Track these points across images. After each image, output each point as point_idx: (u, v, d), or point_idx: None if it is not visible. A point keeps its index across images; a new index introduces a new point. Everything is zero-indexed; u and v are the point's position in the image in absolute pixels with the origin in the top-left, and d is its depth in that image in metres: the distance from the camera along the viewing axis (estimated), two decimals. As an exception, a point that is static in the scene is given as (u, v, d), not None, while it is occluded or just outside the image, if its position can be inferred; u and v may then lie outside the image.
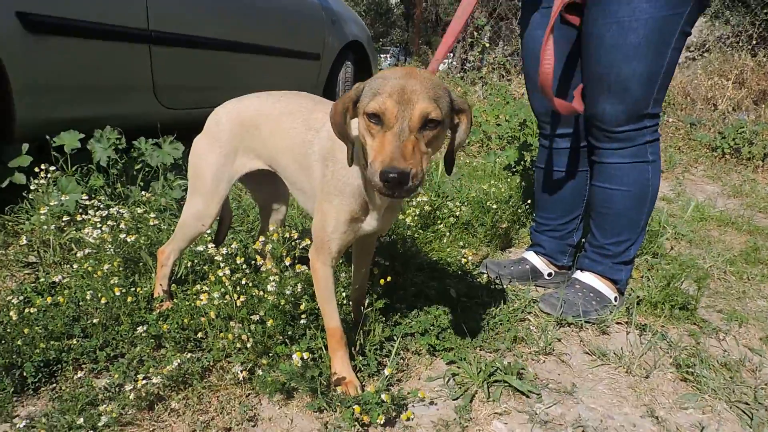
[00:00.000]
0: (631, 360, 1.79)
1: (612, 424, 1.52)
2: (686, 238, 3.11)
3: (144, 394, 1.44)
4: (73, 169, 2.61)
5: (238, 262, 1.82)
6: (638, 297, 2.18)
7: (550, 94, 1.73)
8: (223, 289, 1.71)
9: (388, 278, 1.77)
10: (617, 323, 2.06)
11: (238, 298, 1.67)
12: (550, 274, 2.34)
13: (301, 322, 1.66)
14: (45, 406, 1.47)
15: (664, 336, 1.97)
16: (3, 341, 1.57)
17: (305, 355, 1.45)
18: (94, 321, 1.68)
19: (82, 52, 2.69)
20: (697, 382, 1.70)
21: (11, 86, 2.41)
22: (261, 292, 1.67)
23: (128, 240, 1.98)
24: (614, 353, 1.84)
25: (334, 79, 5.15)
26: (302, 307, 1.65)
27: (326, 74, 4.95)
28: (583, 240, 2.35)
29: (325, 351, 1.60)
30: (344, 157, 1.34)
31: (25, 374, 1.51)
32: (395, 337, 1.76)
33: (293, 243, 1.75)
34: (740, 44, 7.12)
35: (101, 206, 2.26)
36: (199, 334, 1.66)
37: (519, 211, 2.98)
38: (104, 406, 1.38)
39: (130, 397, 1.41)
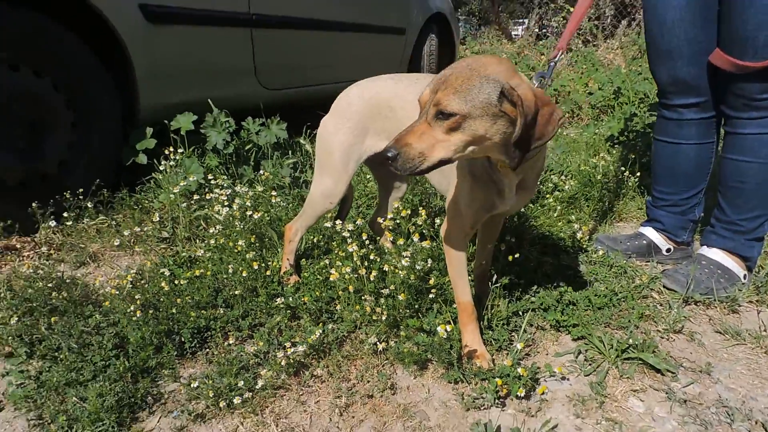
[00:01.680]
0: (769, 340, 1.72)
1: (756, 405, 1.48)
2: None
3: (292, 361, 1.54)
4: (190, 150, 2.77)
5: (363, 238, 1.88)
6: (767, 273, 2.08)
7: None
8: (352, 264, 1.78)
9: (516, 255, 1.78)
10: (748, 302, 1.97)
11: (370, 272, 1.74)
12: (669, 250, 2.27)
13: (430, 296, 1.70)
14: (203, 368, 1.60)
15: (801, 315, 1.87)
16: (160, 309, 1.72)
17: (449, 328, 1.49)
18: (236, 293, 1.80)
19: (195, 39, 2.82)
20: None
21: (136, 74, 2.57)
22: (392, 267, 1.73)
23: (254, 217, 2.10)
24: (749, 333, 1.77)
25: (419, 54, 5.12)
26: (431, 281, 1.70)
27: (411, 48, 4.93)
28: (704, 215, 2.26)
29: (454, 324, 1.65)
30: None
31: (183, 339, 1.65)
32: (521, 313, 1.78)
33: (420, 219, 1.79)
34: None
35: (224, 185, 2.39)
36: (338, 307, 1.74)
37: (629, 184, 2.88)
38: (261, 369, 1.50)
39: (282, 363, 1.51)
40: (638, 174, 2.91)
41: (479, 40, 8.42)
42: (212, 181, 2.38)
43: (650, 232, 2.29)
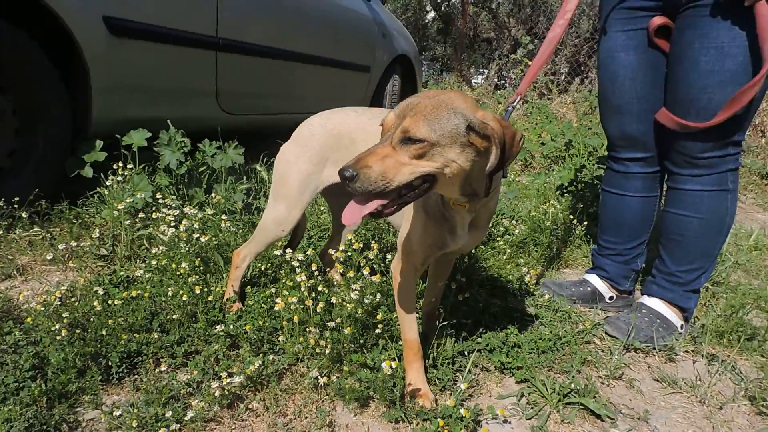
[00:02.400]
0: (704, 390, 1.76)
1: (690, 454, 1.50)
2: (742, 267, 3.05)
3: (226, 392, 1.47)
4: (141, 167, 2.68)
5: (313, 268, 1.85)
6: (703, 325, 2.15)
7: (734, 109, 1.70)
8: (299, 295, 1.74)
9: (466, 295, 1.77)
10: (684, 351, 2.03)
11: (317, 304, 1.69)
12: (611, 298, 2.32)
13: (376, 331, 1.67)
14: (129, 395, 1.51)
15: (733, 367, 1.93)
16: (88, 330, 1.62)
17: (393, 365, 1.46)
18: (173, 317, 1.72)
19: (158, 57, 2.77)
20: (774, 418, 1.66)
21: (92, 84, 2.50)
22: (340, 300, 1.69)
23: (201, 240, 2.03)
24: (685, 382, 1.81)
25: (382, 92, 5.20)
26: (379, 316, 1.67)
27: (374, 87, 5.01)
28: (645, 266, 2.34)
29: (398, 361, 1.62)
30: None
31: (110, 364, 1.55)
32: (466, 353, 1.77)
33: (371, 253, 1.77)
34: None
35: (173, 205, 2.31)
36: (281, 338, 1.68)
37: (576, 232, 2.96)
38: (193, 400, 1.42)
39: (216, 394, 1.44)
40: (585, 223, 2.99)
41: (441, 85, 8.65)
42: (160, 201, 2.30)
43: (595, 280, 2.34)
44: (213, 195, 2.52)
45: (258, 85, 3.60)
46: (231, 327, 1.71)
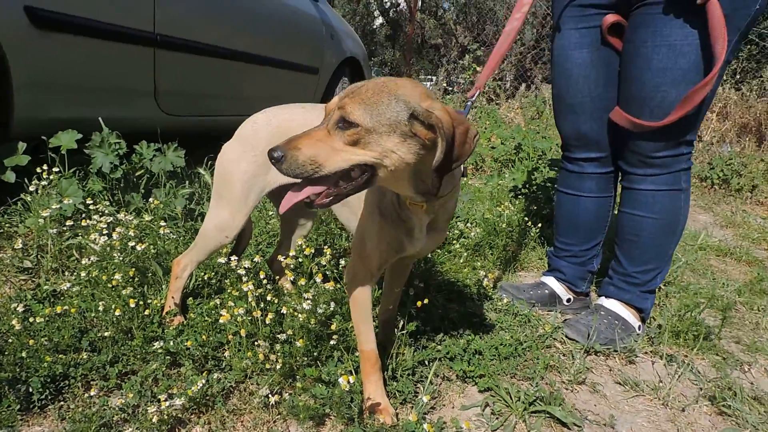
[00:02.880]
0: (665, 392, 1.73)
1: (657, 459, 1.46)
2: (689, 267, 3.11)
3: (166, 417, 1.32)
4: (71, 171, 2.47)
5: (261, 276, 1.71)
6: (659, 326, 2.15)
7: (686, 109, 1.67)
8: (246, 305, 1.60)
9: (426, 300, 1.68)
10: (643, 353, 2.01)
11: (266, 315, 1.56)
12: (569, 300, 2.29)
13: (331, 343, 1.56)
14: (53, 425, 1.33)
15: (691, 367, 1.92)
16: (5, 353, 1.43)
17: (351, 379, 1.35)
18: (105, 334, 1.55)
19: (89, 52, 2.57)
20: (735, 417, 1.65)
21: (12, 81, 2.27)
22: (290, 310, 1.57)
23: (137, 248, 1.86)
24: (647, 384, 1.78)
25: (331, 95, 5.09)
26: (333, 326, 1.56)
27: (323, 89, 4.89)
28: (599, 266, 2.32)
29: (355, 375, 1.51)
30: None
31: (30, 390, 1.37)
32: (426, 362, 1.68)
33: (324, 259, 1.66)
34: (725, 78, 7.35)
35: (105, 212, 2.12)
36: (226, 353, 1.54)
37: (531, 234, 2.94)
38: (127, 427, 1.26)
39: (153, 419, 1.29)
40: (539, 225, 2.98)
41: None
42: (92, 207, 2.11)
43: (552, 282, 2.31)
44: (151, 200, 2.34)
45: (200, 85, 3.42)
46: (171, 343, 1.56)
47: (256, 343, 1.55)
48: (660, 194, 1.92)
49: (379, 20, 15.24)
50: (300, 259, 1.71)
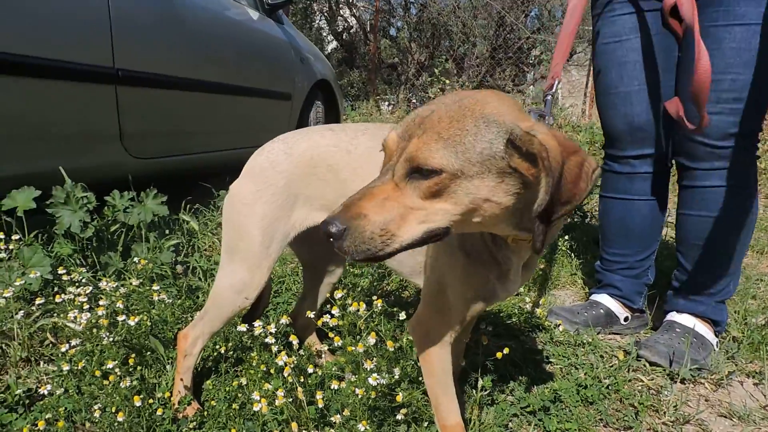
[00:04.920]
0: (782, 420, 1.48)
1: None
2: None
3: None
4: (31, 236, 2.08)
5: (293, 341, 1.39)
6: (734, 338, 1.91)
7: (706, 96, 1.40)
8: (282, 383, 1.27)
9: (506, 350, 1.39)
10: (728, 372, 1.76)
11: (312, 393, 1.24)
12: (626, 319, 2.03)
13: (398, 417, 1.24)
14: None
15: (786, 383, 1.68)
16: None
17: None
18: (106, 447, 1.19)
19: (38, 95, 2.20)
20: None
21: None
22: (342, 383, 1.25)
23: (130, 323, 1.50)
24: (755, 413, 1.53)
25: (305, 121, 4.79)
26: (399, 398, 1.24)
27: (297, 115, 4.59)
28: (653, 278, 2.08)
29: (433, 455, 1.20)
30: None
31: None
32: (508, 425, 1.38)
33: (374, 313, 1.34)
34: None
35: (82, 280, 1.76)
36: (271, 455, 1.20)
37: (562, 248, 2.69)
38: None
39: None
40: (566, 237, 2.73)
41: (359, 111, 8.38)
42: (65, 277, 1.74)
43: (606, 299, 2.05)
44: (135, 259, 1.98)
45: (170, 122, 3.07)
46: (193, 447, 1.21)
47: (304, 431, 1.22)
48: (729, 191, 1.69)
49: (332, 44, 15.12)
50: (339, 315, 1.39)
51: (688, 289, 1.84)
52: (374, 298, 1.39)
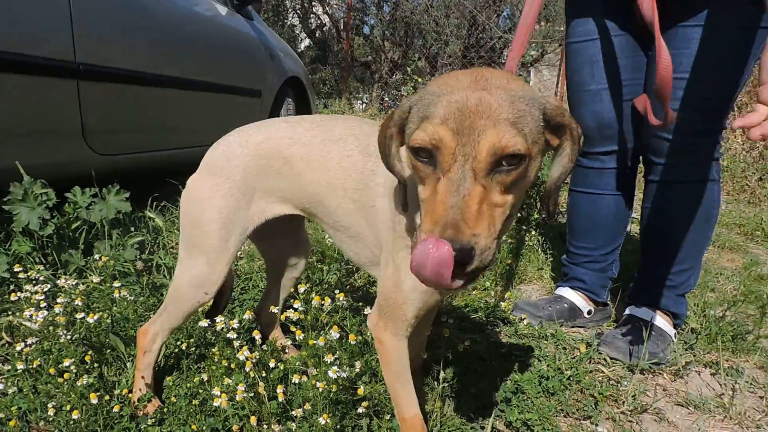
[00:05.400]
0: (732, 409, 1.52)
1: (761, 495, 1.23)
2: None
3: None
4: (-13, 233, 2.03)
5: (256, 337, 1.38)
6: (693, 330, 1.97)
7: (669, 91, 1.42)
8: (243, 378, 1.26)
9: (467, 342, 1.40)
10: (685, 362, 1.81)
11: (273, 387, 1.23)
12: (589, 312, 2.07)
13: (359, 410, 1.24)
14: None
15: (740, 373, 1.74)
16: None
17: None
18: (61, 446, 1.17)
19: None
20: (816, 426, 1.46)
21: None
22: (303, 377, 1.24)
23: (89, 321, 1.47)
24: (710, 401, 1.57)
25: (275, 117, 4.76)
26: (360, 391, 1.24)
27: (267, 112, 4.56)
28: (617, 272, 2.12)
29: (394, 448, 1.21)
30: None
31: None
32: (473, 414, 1.39)
33: (337, 307, 1.34)
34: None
35: (40, 278, 1.72)
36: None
37: (528, 242, 2.72)
38: None
39: None
40: (533, 233, 2.77)
41: (331, 108, 8.36)
42: (21, 275, 1.69)
43: (569, 293, 2.08)
44: (97, 257, 1.94)
45: (136, 119, 3.01)
46: (152, 444, 1.19)
47: (266, 426, 1.21)
48: (692, 186, 1.74)
49: (305, 42, 15.03)
50: (303, 309, 1.39)
51: (650, 283, 1.89)
52: (337, 292, 1.39)
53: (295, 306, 1.33)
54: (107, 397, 1.27)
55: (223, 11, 3.87)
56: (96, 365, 1.39)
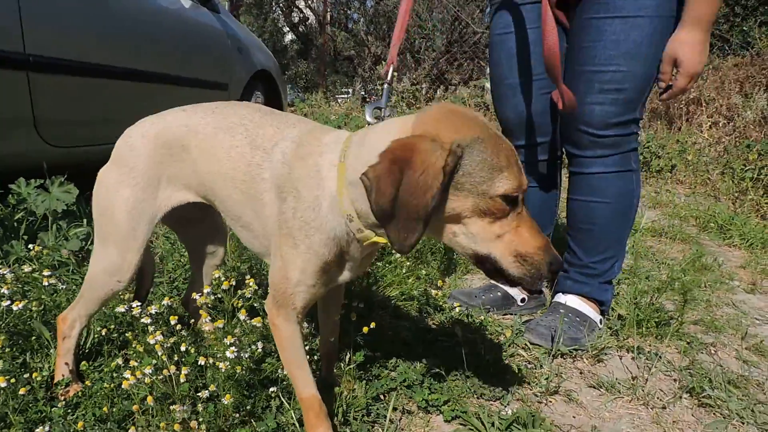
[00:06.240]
0: (644, 390, 1.58)
1: (652, 471, 1.29)
2: (630, 251, 3.06)
3: None
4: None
5: (172, 322, 1.41)
6: (620, 316, 2.02)
7: (558, 71, 1.50)
8: (155, 361, 1.30)
9: (372, 324, 1.45)
10: (608, 347, 1.87)
11: (179, 370, 1.27)
12: (523, 300, 2.13)
13: (271, 390, 1.29)
14: None
15: (659, 357, 1.80)
16: None
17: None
18: (-31, 427, 1.20)
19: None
20: (717, 407, 1.53)
21: None
22: (210, 360, 1.28)
23: (13, 308, 1.50)
24: (622, 384, 1.63)
25: (244, 111, 4.77)
26: (266, 366, 1.28)
27: (235, 106, 4.57)
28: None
29: (299, 427, 1.25)
30: (309, 193, 1.08)
31: None
32: (383, 396, 1.44)
33: (247, 290, 1.38)
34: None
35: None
36: (129, 430, 1.22)
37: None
38: None
39: None
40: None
41: (308, 103, 8.37)
42: (-46, 263, 1.72)
43: (503, 283, 2.13)
44: (33, 247, 1.96)
45: (93, 110, 3.02)
46: (60, 426, 1.23)
47: (172, 407, 1.25)
48: (612, 176, 1.79)
49: (289, 36, 15.00)
50: (219, 295, 1.43)
51: (576, 271, 1.94)
52: (248, 278, 1.44)
53: (206, 291, 1.37)
54: (15, 381, 1.30)
55: (187, 3, 3.87)
56: (14, 350, 1.42)
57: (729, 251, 3.31)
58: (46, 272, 1.70)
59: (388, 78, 1.43)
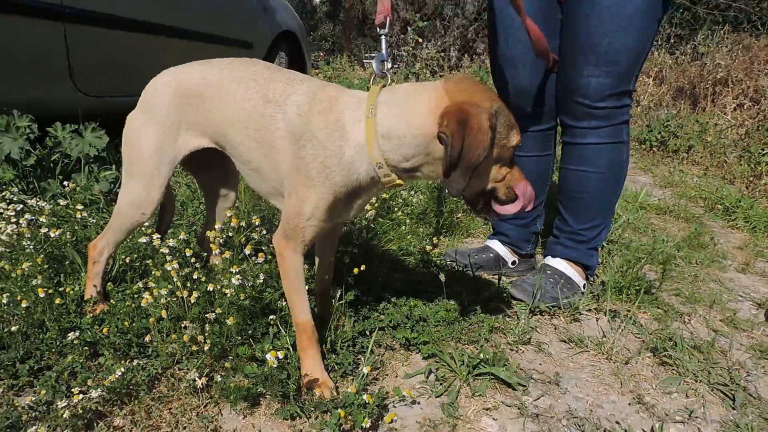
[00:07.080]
0: (609, 346, 1.73)
1: (602, 413, 1.45)
2: (631, 225, 3.16)
3: (81, 411, 1.21)
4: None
5: (187, 254, 1.60)
6: (603, 282, 2.15)
7: (547, 52, 1.64)
8: (171, 286, 1.49)
9: (362, 267, 1.61)
10: (587, 310, 2.01)
11: (190, 294, 1.46)
12: (514, 263, 2.27)
13: (270, 318, 1.47)
14: (-49, 434, 1.20)
15: (633, 321, 1.93)
16: None
17: (280, 354, 1.27)
18: (12, 329, 1.41)
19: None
20: (676, 366, 1.67)
21: None
22: (218, 287, 1.47)
23: (51, 235, 1.70)
24: (591, 340, 1.78)
25: (269, 71, 4.90)
26: (266, 296, 1.46)
27: (260, 65, 4.70)
28: (543, 227, 2.31)
29: (292, 351, 1.43)
30: (331, 143, 1.24)
31: (-76, 397, 1.23)
32: (367, 332, 1.61)
33: (253, 231, 1.56)
34: (659, 43, 7.53)
35: (13, 198, 1.95)
36: (146, 338, 1.42)
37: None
38: (40, 426, 1.14)
39: (64, 415, 1.17)
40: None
41: (332, 65, 8.44)
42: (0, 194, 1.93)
43: (496, 245, 2.28)
44: (67, 184, 2.16)
45: (124, 64, 3.20)
46: (88, 333, 1.43)
47: (183, 325, 1.45)
48: (605, 147, 1.90)
49: (320, -3, 14.91)
50: (229, 233, 1.60)
51: (565, 236, 2.07)
52: (254, 218, 1.61)
53: (217, 227, 1.55)
54: (57, 297, 1.50)
55: (216, -39, 3.97)
56: (54, 272, 1.62)
57: (731, 233, 3.38)
58: (78, 206, 1.90)
59: (386, 29, 1.54)
